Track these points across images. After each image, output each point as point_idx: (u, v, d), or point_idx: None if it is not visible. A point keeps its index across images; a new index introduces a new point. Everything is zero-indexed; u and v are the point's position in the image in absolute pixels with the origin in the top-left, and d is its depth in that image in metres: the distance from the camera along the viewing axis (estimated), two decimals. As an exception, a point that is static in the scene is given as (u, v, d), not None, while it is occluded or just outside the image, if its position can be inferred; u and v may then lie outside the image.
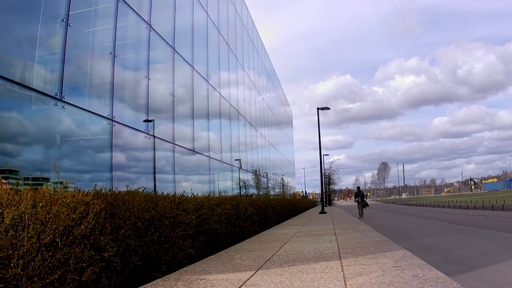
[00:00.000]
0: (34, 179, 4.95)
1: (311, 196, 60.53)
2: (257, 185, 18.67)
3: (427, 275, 3.21)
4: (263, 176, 20.41)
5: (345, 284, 2.94)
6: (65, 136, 5.79)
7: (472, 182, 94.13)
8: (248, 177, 17.08)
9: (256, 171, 18.52)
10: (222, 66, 14.16)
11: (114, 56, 6.91)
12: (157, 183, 8.13)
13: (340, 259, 4.05)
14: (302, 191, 57.60)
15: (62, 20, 5.61)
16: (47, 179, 5.16)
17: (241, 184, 15.36)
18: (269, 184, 21.88)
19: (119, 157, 6.91)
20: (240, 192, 14.91)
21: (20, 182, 4.61)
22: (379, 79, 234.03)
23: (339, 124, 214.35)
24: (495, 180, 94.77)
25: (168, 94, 9.23)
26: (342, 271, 3.45)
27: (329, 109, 19.00)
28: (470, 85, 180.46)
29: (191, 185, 10.21)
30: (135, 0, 7.65)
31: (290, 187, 33.16)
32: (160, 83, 9.05)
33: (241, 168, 15.49)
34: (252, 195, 16.08)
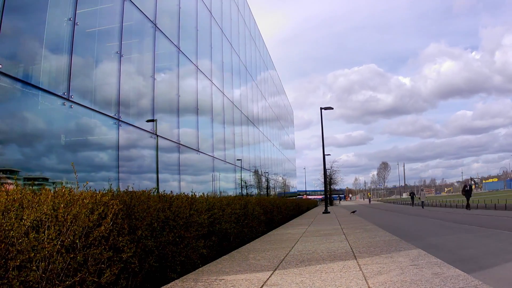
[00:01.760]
0: (33, 179, 4.88)
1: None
2: (258, 184, 18.64)
3: (447, 273, 3.19)
4: (264, 176, 20.39)
5: (367, 283, 2.91)
6: (72, 136, 5.75)
7: (472, 182, 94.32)
8: (250, 177, 17.06)
9: (257, 170, 18.50)
10: (225, 66, 14.14)
11: (121, 56, 6.87)
12: (161, 183, 8.10)
13: (356, 259, 4.02)
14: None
15: (69, 19, 5.57)
16: (46, 179, 5.10)
17: (242, 184, 15.33)
18: (270, 184, 21.86)
19: (124, 156, 6.88)
20: (242, 192, 14.89)
21: (20, 182, 4.53)
22: (407, 69, 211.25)
23: (359, 118, 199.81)
24: (496, 180, 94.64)
25: (173, 94, 9.20)
26: (361, 270, 3.41)
27: (332, 108, 18.97)
28: (505, 75, 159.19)
29: (195, 185, 10.18)
30: (141, 0, 7.62)
31: (291, 187, 33.14)
32: (165, 82, 9.03)
33: (243, 168, 15.47)
34: (253, 195, 16.05)
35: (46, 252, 2.25)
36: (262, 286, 2.87)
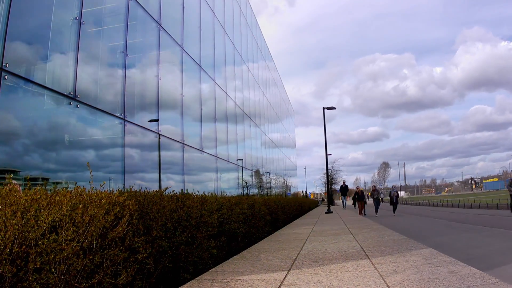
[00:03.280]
0: (34, 179, 4.82)
1: (311, 196, 60.43)
2: (259, 184, 18.62)
3: (462, 271, 3.18)
4: (266, 176, 20.37)
5: (385, 281, 2.89)
6: (78, 136, 5.72)
7: (472, 182, 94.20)
8: (251, 177, 17.04)
9: (258, 170, 18.48)
10: (228, 66, 14.12)
11: (126, 55, 6.84)
12: (165, 182, 8.06)
13: (369, 258, 3.99)
14: (302, 191, 57.46)
15: (75, 19, 5.54)
16: (46, 179, 5.06)
17: (244, 183, 15.31)
18: (271, 184, 21.86)
19: (129, 156, 6.85)
20: (243, 192, 14.86)
21: (21, 182, 4.46)
22: (433, 59, 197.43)
23: (380, 112, 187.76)
24: (496, 179, 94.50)
25: (177, 94, 9.18)
26: (376, 269, 3.39)
27: (335, 108, 18.89)
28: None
29: (197, 185, 10.15)
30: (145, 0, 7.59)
31: (292, 186, 33.14)
32: (169, 82, 9.00)
33: (244, 167, 15.44)
34: (254, 195, 16.03)
35: (65, 254, 2.21)
36: (280, 286, 2.84)
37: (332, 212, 17.54)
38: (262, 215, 7.27)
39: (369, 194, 23.33)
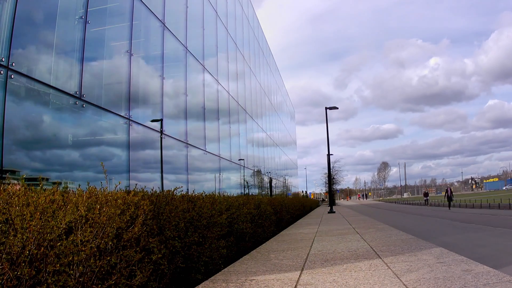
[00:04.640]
0: (33, 179, 4.78)
1: (312, 196, 60.42)
2: (261, 184, 18.62)
3: (476, 270, 3.17)
4: (267, 176, 20.36)
5: (401, 280, 2.87)
6: (83, 135, 5.70)
7: (473, 182, 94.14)
8: (253, 177, 17.03)
9: (259, 170, 18.48)
10: (230, 66, 14.11)
11: (131, 55, 6.82)
12: (170, 182, 8.04)
13: (380, 257, 3.98)
14: (303, 191, 57.46)
15: (81, 17, 5.52)
16: (46, 179, 5.02)
17: (245, 183, 15.30)
18: (272, 184, 21.84)
19: (134, 156, 6.83)
20: (245, 191, 14.85)
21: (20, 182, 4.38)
22: (457, 50, 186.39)
23: (399, 106, 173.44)
24: (496, 179, 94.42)
25: (181, 93, 9.16)
26: (389, 268, 3.37)
27: (337, 108, 18.91)
28: None
29: (201, 184, 10.13)
30: (150, -1, 7.56)
31: (293, 186, 33.15)
32: (173, 82, 8.98)
33: (246, 167, 15.43)
34: (256, 195, 16.02)
35: (83, 255, 2.18)
36: (296, 286, 2.82)
37: (334, 212, 17.54)
38: (267, 215, 7.25)
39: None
